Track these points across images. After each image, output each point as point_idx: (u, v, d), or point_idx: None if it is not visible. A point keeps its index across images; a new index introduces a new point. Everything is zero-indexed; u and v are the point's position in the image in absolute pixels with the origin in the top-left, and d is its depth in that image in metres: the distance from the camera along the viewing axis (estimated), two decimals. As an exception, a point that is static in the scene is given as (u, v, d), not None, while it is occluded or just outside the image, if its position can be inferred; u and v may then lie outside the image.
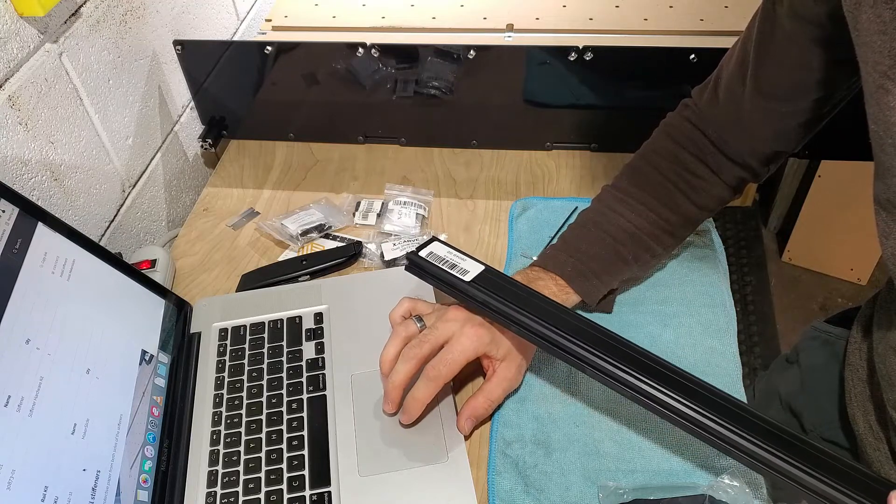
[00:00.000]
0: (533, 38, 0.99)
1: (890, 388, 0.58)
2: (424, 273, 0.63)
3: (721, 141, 0.65)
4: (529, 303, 0.59)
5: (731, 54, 0.63)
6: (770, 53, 0.57)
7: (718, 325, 0.69)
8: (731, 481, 0.56)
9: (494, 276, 0.61)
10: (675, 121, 0.69)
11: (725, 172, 0.66)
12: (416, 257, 0.63)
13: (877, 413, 0.63)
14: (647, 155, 0.69)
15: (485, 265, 0.62)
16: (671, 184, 0.67)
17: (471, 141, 0.92)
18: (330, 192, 0.88)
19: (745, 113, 0.62)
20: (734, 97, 0.62)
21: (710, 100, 0.65)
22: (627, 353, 0.56)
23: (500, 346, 0.60)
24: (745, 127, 0.63)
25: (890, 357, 0.57)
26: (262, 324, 0.70)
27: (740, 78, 0.61)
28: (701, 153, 0.66)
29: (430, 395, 0.58)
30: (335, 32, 1.02)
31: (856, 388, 0.66)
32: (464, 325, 0.59)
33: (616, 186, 0.69)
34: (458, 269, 0.61)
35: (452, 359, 0.57)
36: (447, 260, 0.63)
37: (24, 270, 0.53)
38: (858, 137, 0.55)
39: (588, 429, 0.61)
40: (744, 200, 2.00)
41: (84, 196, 0.75)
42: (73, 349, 0.55)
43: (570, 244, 0.66)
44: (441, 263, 0.62)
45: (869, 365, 0.64)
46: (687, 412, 0.52)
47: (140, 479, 0.57)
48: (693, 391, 0.53)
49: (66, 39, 0.70)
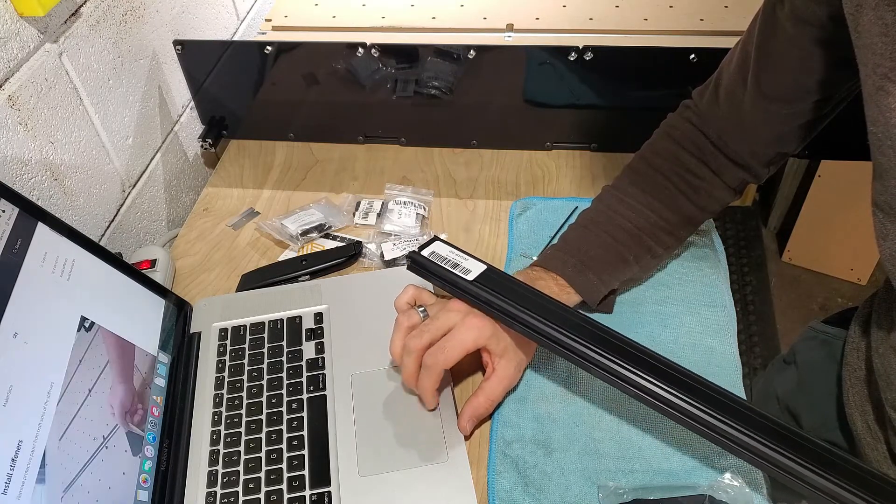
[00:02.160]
0: (533, 38, 0.99)
1: (888, 388, 0.58)
2: (427, 272, 0.63)
3: (721, 142, 0.65)
4: (532, 301, 0.59)
5: (731, 56, 0.63)
6: (771, 55, 0.57)
7: (718, 325, 0.68)
8: (732, 481, 0.56)
9: (497, 276, 0.61)
10: (675, 122, 0.69)
11: (726, 173, 0.66)
12: (419, 256, 0.63)
13: (875, 413, 0.63)
14: (647, 156, 0.69)
15: (487, 264, 0.62)
16: (672, 185, 0.67)
17: (471, 141, 0.92)
18: (330, 192, 0.88)
19: (745, 114, 0.62)
20: (735, 99, 0.62)
21: (710, 101, 0.65)
22: (630, 350, 0.56)
23: (500, 341, 0.60)
24: (746, 128, 0.63)
25: (889, 356, 0.57)
26: (262, 324, 0.70)
27: (741, 79, 0.61)
28: (702, 154, 0.66)
29: (433, 383, 0.59)
30: (335, 32, 1.02)
31: (854, 388, 0.66)
32: (465, 315, 0.59)
33: (616, 187, 0.69)
34: (460, 269, 0.61)
35: (451, 346, 0.57)
36: (449, 259, 0.63)
37: (24, 270, 0.53)
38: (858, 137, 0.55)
39: (588, 429, 0.61)
40: (744, 200, 2.00)
41: (84, 196, 0.75)
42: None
43: (571, 244, 0.66)
44: (443, 263, 0.62)
45: (867, 365, 0.64)
46: (690, 409, 0.53)
47: (140, 479, 0.57)
48: (695, 389, 0.54)
49: (66, 39, 0.70)
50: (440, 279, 0.62)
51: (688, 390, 0.53)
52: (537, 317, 0.57)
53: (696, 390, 0.53)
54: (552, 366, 0.66)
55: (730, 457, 0.58)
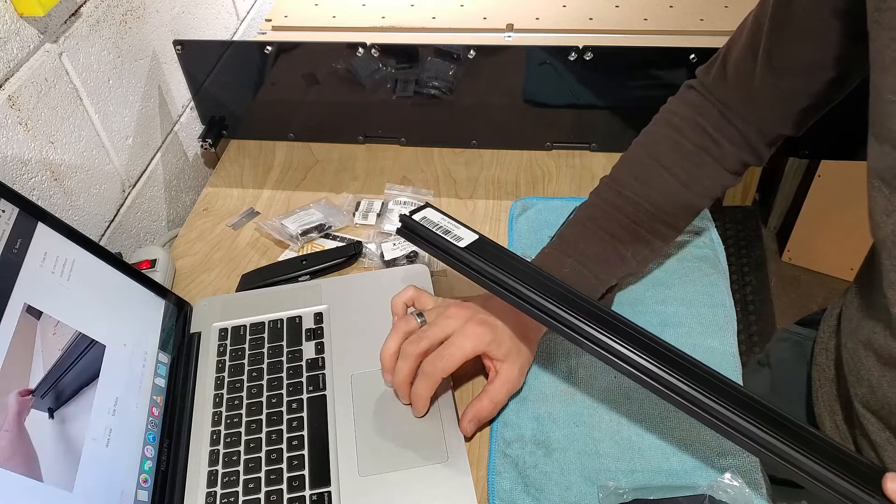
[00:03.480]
0: (533, 38, 0.99)
1: (858, 383, 0.58)
2: (417, 237, 0.60)
3: (726, 119, 0.63)
4: (525, 273, 0.56)
5: (740, 30, 0.61)
6: (786, 27, 0.55)
7: (718, 324, 0.69)
8: (732, 481, 0.56)
9: (490, 246, 0.58)
10: (676, 107, 0.68)
11: (728, 157, 0.65)
12: (410, 220, 0.60)
13: (843, 412, 0.63)
14: (646, 144, 0.68)
15: (479, 234, 0.59)
16: (671, 175, 0.65)
17: (471, 141, 0.92)
18: (330, 192, 0.88)
19: (754, 90, 0.60)
20: (743, 73, 0.60)
21: (717, 77, 0.64)
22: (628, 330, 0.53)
23: (501, 346, 0.60)
24: (754, 104, 0.61)
25: (859, 351, 0.57)
26: (262, 324, 0.70)
27: (751, 54, 0.59)
28: (702, 140, 0.65)
29: (429, 390, 0.58)
30: (335, 32, 1.02)
31: (822, 388, 0.66)
32: (465, 322, 0.59)
33: (614, 179, 0.68)
34: (452, 236, 0.59)
35: (449, 354, 0.57)
36: (441, 225, 0.60)
37: (24, 270, 0.53)
38: (858, 137, 0.55)
39: (588, 429, 0.61)
40: (744, 200, 2.00)
41: (84, 196, 0.75)
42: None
43: (568, 243, 0.66)
44: (435, 229, 0.59)
45: (836, 364, 0.64)
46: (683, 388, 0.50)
47: (140, 478, 0.57)
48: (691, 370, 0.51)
49: (66, 39, 0.70)
50: (431, 245, 0.59)
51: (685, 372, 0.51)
52: (530, 287, 0.55)
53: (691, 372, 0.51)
54: (552, 366, 0.66)
55: (730, 457, 0.58)
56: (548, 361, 0.66)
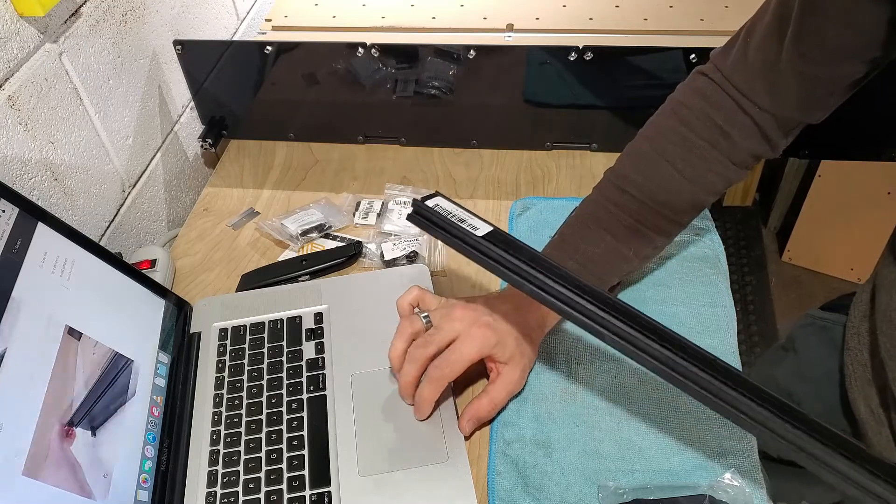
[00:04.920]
0: (533, 37, 0.99)
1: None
2: (431, 224, 0.57)
3: (743, 106, 0.61)
4: (543, 263, 0.54)
5: (763, 12, 0.59)
6: (818, 9, 0.53)
7: (718, 324, 0.69)
8: (731, 481, 0.56)
9: (503, 236, 0.57)
10: (685, 97, 0.65)
11: (737, 152, 0.62)
12: (423, 207, 0.58)
13: (879, 396, 0.62)
14: (652, 138, 0.66)
15: (493, 225, 0.58)
16: (677, 171, 0.63)
17: (471, 141, 0.92)
18: (330, 192, 0.88)
19: (778, 75, 0.58)
20: (767, 59, 0.58)
21: (737, 61, 0.61)
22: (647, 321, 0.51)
23: (505, 349, 0.60)
24: (775, 91, 0.59)
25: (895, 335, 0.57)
26: (262, 324, 0.70)
27: (776, 38, 0.57)
28: (711, 134, 0.62)
29: (435, 394, 0.59)
30: (335, 32, 1.02)
31: (856, 373, 0.65)
32: (470, 325, 0.59)
33: (618, 174, 0.66)
34: (467, 224, 0.57)
35: (456, 359, 0.57)
36: (454, 214, 0.58)
37: (24, 270, 0.53)
38: (858, 137, 0.55)
39: (588, 429, 0.61)
40: (744, 200, 2.00)
41: (84, 196, 0.75)
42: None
43: (569, 243, 0.65)
44: (449, 216, 0.58)
45: (870, 348, 0.63)
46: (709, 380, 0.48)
47: (140, 479, 0.57)
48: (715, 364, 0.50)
49: (66, 39, 0.70)
50: (446, 233, 0.56)
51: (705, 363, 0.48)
52: (551, 276, 0.53)
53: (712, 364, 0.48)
54: (552, 366, 0.66)
55: (730, 457, 0.58)
56: (548, 361, 0.66)
